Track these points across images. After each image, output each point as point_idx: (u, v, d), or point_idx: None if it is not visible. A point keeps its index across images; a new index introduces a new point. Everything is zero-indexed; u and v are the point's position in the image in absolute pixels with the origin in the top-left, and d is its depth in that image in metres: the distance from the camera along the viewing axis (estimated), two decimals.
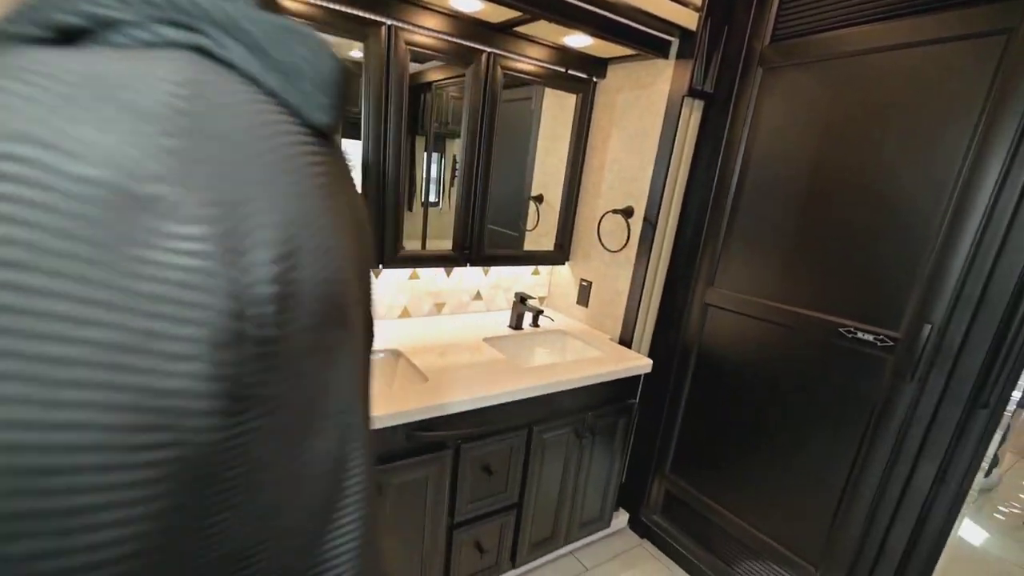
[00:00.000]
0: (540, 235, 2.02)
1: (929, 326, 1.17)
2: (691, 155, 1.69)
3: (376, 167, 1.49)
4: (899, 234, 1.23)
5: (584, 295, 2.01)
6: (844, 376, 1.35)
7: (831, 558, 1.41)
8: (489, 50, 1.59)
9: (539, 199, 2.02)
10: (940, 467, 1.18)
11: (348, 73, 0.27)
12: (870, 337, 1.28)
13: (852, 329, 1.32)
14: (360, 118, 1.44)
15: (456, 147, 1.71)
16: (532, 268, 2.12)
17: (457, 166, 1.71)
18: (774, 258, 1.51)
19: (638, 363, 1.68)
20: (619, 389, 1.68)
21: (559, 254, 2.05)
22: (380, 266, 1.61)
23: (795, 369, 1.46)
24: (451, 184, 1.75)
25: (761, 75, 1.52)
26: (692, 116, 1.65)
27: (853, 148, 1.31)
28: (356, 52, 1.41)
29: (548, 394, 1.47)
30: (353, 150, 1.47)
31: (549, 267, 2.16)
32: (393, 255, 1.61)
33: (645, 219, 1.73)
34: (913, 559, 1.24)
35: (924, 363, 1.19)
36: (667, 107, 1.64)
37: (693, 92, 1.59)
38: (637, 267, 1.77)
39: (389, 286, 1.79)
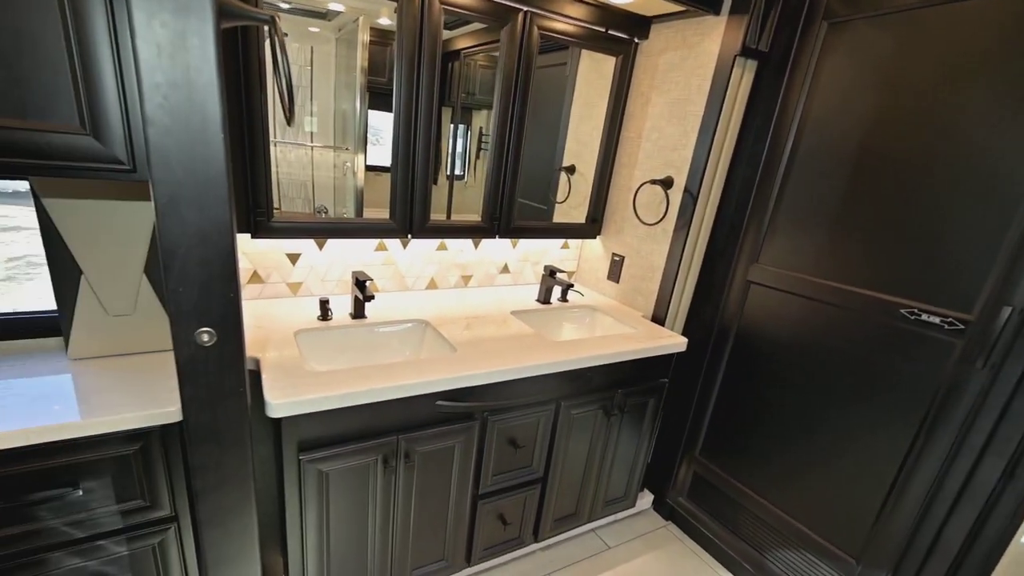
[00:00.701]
0: (571, 207, 1.94)
1: (1009, 308, 1.05)
2: (740, 120, 1.57)
3: (407, 137, 1.44)
4: (981, 206, 1.10)
5: (616, 270, 1.93)
6: (903, 361, 1.25)
7: (875, 552, 1.34)
8: (526, 8, 1.50)
9: (571, 170, 1.93)
10: (1009, 462, 1.08)
11: None
12: (936, 319, 1.17)
13: (916, 310, 1.21)
14: (391, 88, 1.39)
15: (482, 119, 1.65)
16: (562, 241, 2.05)
17: (484, 138, 1.65)
18: (828, 233, 1.39)
19: (672, 341, 1.61)
20: (651, 367, 1.62)
21: (591, 227, 1.96)
22: (409, 236, 1.57)
23: (846, 352, 1.36)
24: (476, 157, 1.69)
25: (825, 30, 1.38)
26: (743, 78, 1.52)
27: (931, 109, 1.17)
28: (384, 20, 1.35)
29: (578, 369, 1.42)
30: (383, 122, 1.43)
31: (579, 241, 2.09)
32: (422, 225, 1.57)
33: (686, 190, 1.63)
34: (968, 560, 1.16)
35: (999, 349, 1.08)
36: (716, 69, 1.52)
37: (746, 51, 1.46)
38: (675, 241, 1.68)
39: (417, 256, 1.76)
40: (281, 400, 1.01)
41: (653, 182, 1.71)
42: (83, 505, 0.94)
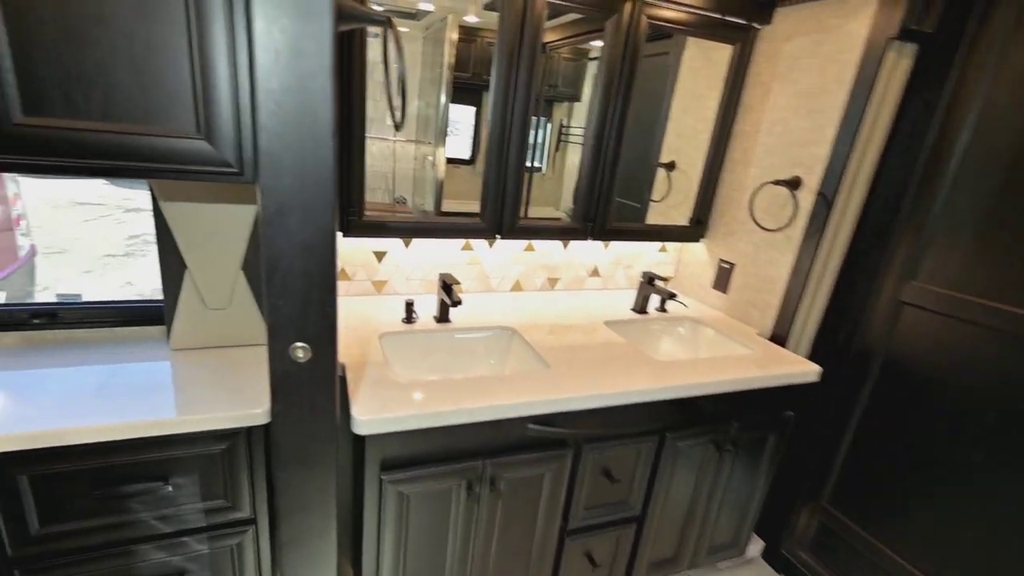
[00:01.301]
0: (669, 207, 1.75)
1: None
2: (892, 113, 1.31)
3: (500, 137, 1.37)
4: None
5: (723, 279, 1.71)
6: None
7: None
8: None
9: (670, 166, 1.74)
10: None
11: None
12: None
13: None
14: (472, 82, 1.35)
15: (563, 111, 1.58)
16: (659, 245, 1.86)
17: (563, 131, 1.59)
18: (1016, 250, 1.11)
19: (801, 368, 1.37)
20: (773, 397, 1.38)
21: (694, 230, 1.76)
22: (498, 236, 1.47)
23: None
24: (556, 149, 1.62)
25: (1020, 3, 1.12)
26: (899, 65, 1.27)
27: None
28: (471, 17, 1.31)
29: (688, 397, 1.23)
30: (461, 115, 1.40)
31: (678, 244, 1.88)
32: (513, 225, 1.47)
33: (819, 193, 1.39)
34: None
35: None
36: (864, 54, 1.28)
37: (904, 34, 1.22)
38: (803, 250, 1.44)
39: (503, 257, 1.65)
40: (368, 417, 0.93)
41: (776, 183, 1.48)
42: (171, 500, 0.94)
